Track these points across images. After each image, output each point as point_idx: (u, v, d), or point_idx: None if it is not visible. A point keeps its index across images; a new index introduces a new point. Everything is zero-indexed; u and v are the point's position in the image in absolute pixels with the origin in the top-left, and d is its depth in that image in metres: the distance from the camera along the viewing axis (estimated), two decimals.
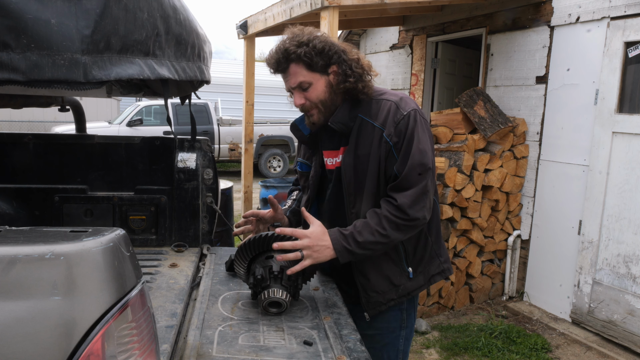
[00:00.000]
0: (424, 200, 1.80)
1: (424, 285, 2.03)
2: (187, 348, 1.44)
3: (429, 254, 2.01)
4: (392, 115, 1.84)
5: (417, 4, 4.94)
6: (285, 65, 1.84)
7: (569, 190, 4.46)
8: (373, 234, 1.77)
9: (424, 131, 1.84)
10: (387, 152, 1.84)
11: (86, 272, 0.80)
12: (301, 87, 1.85)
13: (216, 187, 2.44)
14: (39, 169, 2.41)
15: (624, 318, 3.96)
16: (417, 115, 1.83)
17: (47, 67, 1.18)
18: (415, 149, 1.79)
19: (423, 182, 1.79)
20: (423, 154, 1.80)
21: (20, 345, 0.76)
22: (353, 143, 1.89)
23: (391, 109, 1.86)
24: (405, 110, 1.83)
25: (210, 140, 2.51)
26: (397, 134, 1.81)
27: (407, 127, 1.80)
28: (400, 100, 1.88)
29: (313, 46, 1.81)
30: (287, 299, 1.68)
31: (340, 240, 1.78)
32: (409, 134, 1.80)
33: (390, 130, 1.82)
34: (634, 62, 3.90)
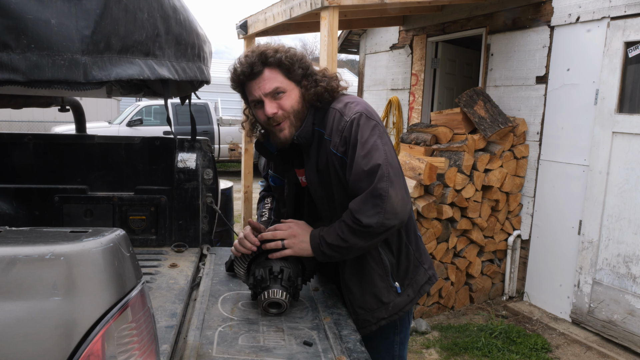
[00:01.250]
0: (377, 204, 1.62)
1: (415, 299, 1.94)
2: (187, 348, 1.44)
3: (413, 264, 1.92)
4: (337, 125, 1.73)
5: (417, 4, 4.94)
6: (260, 68, 1.73)
7: (569, 190, 4.46)
8: (336, 237, 1.70)
9: (370, 131, 1.69)
10: (341, 163, 1.74)
11: (86, 272, 0.80)
12: (275, 94, 1.74)
13: (216, 187, 2.44)
14: (39, 169, 2.41)
15: (624, 318, 3.96)
16: (362, 117, 1.71)
17: (47, 67, 1.18)
18: (358, 153, 1.66)
19: (371, 185, 1.63)
20: (368, 156, 1.65)
21: (21, 345, 0.76)
22: (314, 158, 1.81)
23: (335, 117, 1.75)
24: (348, 117, 1.72)
25: (210, 140, 2.52)
26: (343, 143, 1.71)
27: (351, 133, 1.69)
28: (344, 106, 1.76)
29: (291, 55, 1.75)
30: (287, 299, 1.68)
31: (315, 237, 1.75)
32: (352, 140, 1.69)
33: (335, 140, 1.73)
34: (634, 62, 3.90)
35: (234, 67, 1.80)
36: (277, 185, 2.07)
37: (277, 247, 1.74)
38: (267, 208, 2.19)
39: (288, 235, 1.75)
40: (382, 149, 1.66)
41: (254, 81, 1.75)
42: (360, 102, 1.80)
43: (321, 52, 4.15)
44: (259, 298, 1.70)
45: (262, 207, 2.21)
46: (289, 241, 1.74)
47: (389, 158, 1.66)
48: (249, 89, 1.79)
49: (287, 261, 1.76)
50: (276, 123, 1.77)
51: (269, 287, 1.69)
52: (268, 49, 1.74)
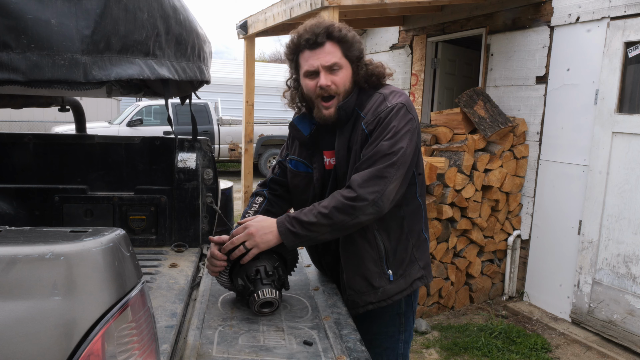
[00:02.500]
0: (379, 184, 1.68)
1: (405, 290, 1.95)
2: (187, 348, 1.44)
3: (409, 257, 1.94)
4: (377, 106, 1.80)
5: (417, 4, 4.94)
6: (324, 40, 1.77)
7: (569, 190, 4.46)
8: (316, 214, 1.69)
9: (405, 123, 1.75)
10: (363, 140, 1.79)
11: (86, 272, 0.80)
12: (332, 68, 1.79)
13: (216, 187, 2.44)
14: (39, 169, 2.41)
15: (624, 318, 3.96)
16: (403, 109, 1.77)
17: (47, 67, 1.18)
18: (386, 135, 1.73)
19: (383, 165, 1.70)
20: (392, 145, 1.71)
21: (21, 345, 0.76)
22: (347, 135, 1.86)
23: (378, 100, 1.82)
24: (391, 103, 1.78)
25: (210, 140, 2.51)
26: (375, 123, 1.76)
27: (387, 117, 1.75)
28: (390, 93, 1.83)
29: (353, 35, 1.81)
30: (274, 295, 1.68)
31: (284, 222, 1.72)
32: (384, 123, 1.74)
33: (369, 118, 1.78)
34: (633, 62, 3.90)
35: (296, 33, 1.83)
36: (300, 171, 2.03)
37: (241, 252, 1.73)
38: (253, 211, 2.10)
39: (246, 236, 1.73)
40: (406, 145, 1.73)
41: (314, 51, 1.79)
42: (405, 94, 1.87)
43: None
44: (249, 301, 1.71)
45: (249, 207, 2.13)
46: (249, 242, 1.73)
47: (406, 155, 1.73)
48: (305, 58, 1.82)
49: (259, 259, 1.76)
50: (326, 95, 1.82)
51: (253, 292, 1.69)
52: (334, 24, 1.80)
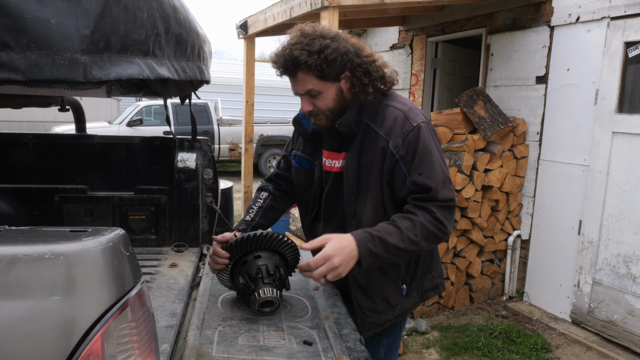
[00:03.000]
0: (452, 213, 1.75)
1: (417, 302, 1.96)
2: (187, 348, 1.44)
3: (421, 269, 1.94)
4: (400, 126, 1.73)
5: (417, 4, 4.94)
6: (293, 72, 1.73)
7: (569, 190, 4.45)
8: (404, 240, 1.67)
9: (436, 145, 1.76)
10: (394, 165, 1.74)
11: (86, 271, 0.80)
12: (309, 94, 1.75)
13: (216, 187, 2.44)
14: (39, 169, 2.41)
15: (624, 318, 3.96)
16: (427, 127, 1.75)
17: (46, 66, 1.18)
18: (436, 164, 1.72)
19: (451, 195, 1.73)
20: (443, 169, 1.74)
21: (20, 344, 0.76)
22: (357, 150, 1.80)
23: (399, 118, 1.75)
24: (415, 122, 1.73)
25: (210, 140, 2.51)
26: (405, 146, 1.71)
27: (417, 140, 1.71)
28: (409, 110, 1.77)
29: (325, 57, 1.67)
30: (275, 294, 1.68)
31: (366, 242, 1.64)
32: (422, 148, 1.71)
33: (397, 141, 1.72)
34: (634, 62, 3.90)
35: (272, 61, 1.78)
36: (303, 168, 2.01)
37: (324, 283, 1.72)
38: (257, 206, 2.08)
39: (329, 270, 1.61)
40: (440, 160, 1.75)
41: (291, 78, 1.78)
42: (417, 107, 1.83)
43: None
44: (250, 300, 1.71)
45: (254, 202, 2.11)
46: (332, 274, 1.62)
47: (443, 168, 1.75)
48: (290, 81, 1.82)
49: (260, 258, 1.76)
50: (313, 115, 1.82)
51: (254, 291, 1.69)
52: (302, 52, 1.68)
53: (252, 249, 1.77)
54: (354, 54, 1.73)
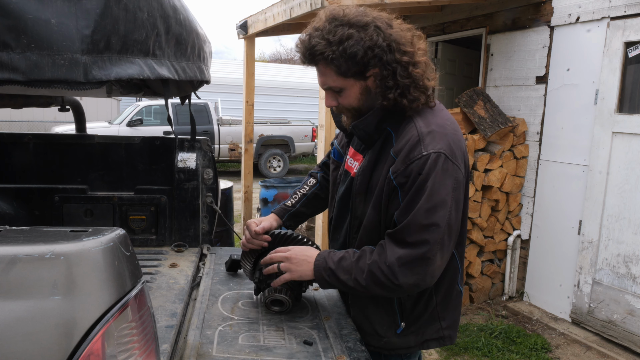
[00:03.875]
0: (420, 266, 1.43)
1: (413, 348, 1.69)
2: (187, 348, 1.44)
3: (429, 315, 1.66)
4: (409, 149, 1.45)
5: (417, 4, 4.94)
6: (312, 63, 1.51)
7: (569, 190, 4.46)
8: (351, 279, 1.51)
9: (443, 181, 1.42)
10: (390, 192, 1.49)
11: (86, 271, 0.80)
12: (332, 90, 1.55)
13: (216, 187, 2.44)
14: (39, 169, 2.41)
15: (624, 318, 3.96)
16: (440, 159, 1.42)
17: (47, 67, 1.18)
18: (422, 204, 1.41)
19: (424, 247, 1.42)
20: (430, 212, 1.40)
21: (21, 344, 0.76)
22: (373, 159, 1.57)
23: (411, 139, 1.46)
24: (426, 150, 1.42)
25: (210, 140, 2.52)
26: (406, 174, 1.44)
27: (421, 172, 1.42)
28: (428, 134, 1.45)
29: (343, 50, 1.42)
30: (290, 298, 1.68)
31: (321, 268, 1.57)
32: (419, 182, 1.42)
33: (398, 166, 1.46)
34: (633, 62, 3.90)
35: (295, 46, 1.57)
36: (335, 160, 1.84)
37: (274, 270, 1.66)
38: (302, 192, 1.96)
39: (284, 258, 1.64)
40: (449, 208, 1.42)
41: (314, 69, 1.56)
42: (448, 132, 1.49)
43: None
44: (263, 293, 1.70)
45: (300, 187, 1.99)
46: (285, 264, 1.63)
47: (451, 220, 1.44)
48: None
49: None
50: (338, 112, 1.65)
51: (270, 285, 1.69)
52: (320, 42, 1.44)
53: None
54: (384, 48, 1.44)
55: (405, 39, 1.48)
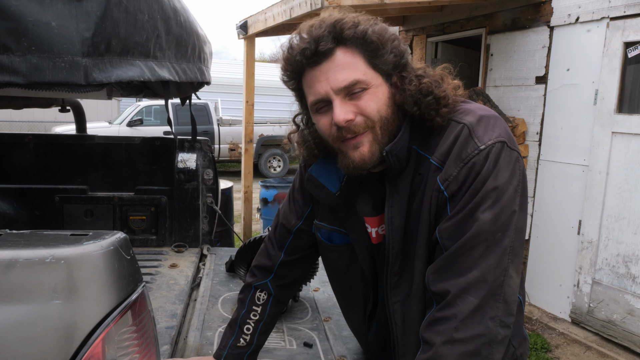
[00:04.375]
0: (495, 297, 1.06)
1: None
2: (187, 349, 1.45)
3: None
4: (460, 148, 1.10)
5: (417, 4, 4.94)
6: (331, 46, 1.10)
7: (569, 190, 4.46)
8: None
9: (510, 175, 1.09)
10: (441, 208, 1.13)
11: (86, 275, 0.80)
12: (351, 91, 1.12)
13: (216, 187, 2.45)
14: (39, 169, 2.41)
15: (624, 318, 3.97)
16: (504, 150, 1.10)
17: (47, 69, 1.18)
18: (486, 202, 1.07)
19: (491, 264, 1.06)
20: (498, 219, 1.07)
21: (21, 348, 0.76)
22: (405, 190, 1.19)
23: (460, 136, 1.12)
24: (483, 142, 1.09)
25: (210, 140, 2.52)
26: (461, 179, 1.09)
27: (481, 171, 1.07)
28: (477, 122, 1.13)
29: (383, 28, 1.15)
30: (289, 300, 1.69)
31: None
32: (479, 179, 1.07)
33: (450, 171, 1.10)
34: (633, 62, 3.90)
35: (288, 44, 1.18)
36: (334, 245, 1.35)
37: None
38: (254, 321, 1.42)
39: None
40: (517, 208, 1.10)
41: (319, 67, 1.13)
42: (498, 116, 1.17)
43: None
44: None
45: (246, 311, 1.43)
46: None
47: (520, 221, 1.11)
48: (308, 81, 1.17)
49: None
50: (351, 135, 1.15)
51: None
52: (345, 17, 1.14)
53: None
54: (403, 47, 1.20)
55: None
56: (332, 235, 1.35)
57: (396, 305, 1.24)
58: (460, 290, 1.05)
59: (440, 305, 1.08)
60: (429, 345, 1.07)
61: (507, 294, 1.07)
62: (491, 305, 1.05)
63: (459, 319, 1.04)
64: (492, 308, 1.05)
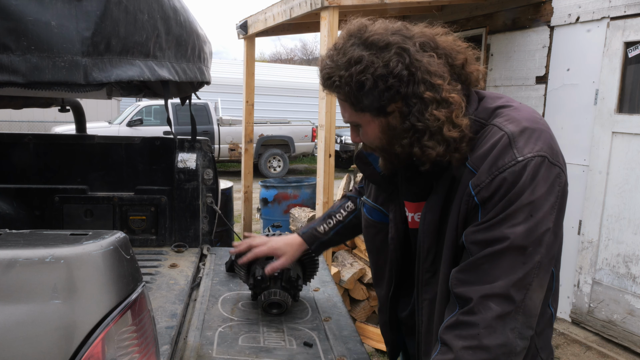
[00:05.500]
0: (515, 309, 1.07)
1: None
2: (187, 349, 1.45)
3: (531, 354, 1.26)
4: (496, 156, 1.09)
5: (417, 4, 4.94)
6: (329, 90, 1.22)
7: (569, 190, 4.45)
8: None
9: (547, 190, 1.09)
10: (469, 213, 1.13)
11: (86, 275, 0.80)
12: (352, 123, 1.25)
13: (216, 187, 2.45)
14: (39, 169, 2.41)
15: (624, 318, 3.97)
16: (544, 164, 1.09)
17: (47, 69, 1.18)
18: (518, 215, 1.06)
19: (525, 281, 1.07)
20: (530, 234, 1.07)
21: (21, 348, 0.76)
22: (442, 192, 1.21)
23: (499, 144, 1.10)
24: (522, 154, 1.07)
25: (210, 140, 2.52)
26: (493, 187, 1.08)
27: (517, 182, 1.06)
28: (520, 133, 1.10)
29: (349, 77, 1.12)
30: (287, 300, 1.69)
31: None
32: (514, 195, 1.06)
33: (483, 178, 1.09)
34: (633, 62, 3.90)
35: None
36: (373, 220, 1.45)
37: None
38: (337, 219, 1.69)
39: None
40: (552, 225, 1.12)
41: None
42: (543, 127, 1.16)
43: (321, 53, 4.14)
44: (259, 298, 1.70)
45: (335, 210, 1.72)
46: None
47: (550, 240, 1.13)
48: None
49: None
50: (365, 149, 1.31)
51: (269, 288, 1.69)
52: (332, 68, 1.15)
53: None
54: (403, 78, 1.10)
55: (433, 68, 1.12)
56: (374, 212, 1.44)
57: (425, 303, 1.29)
58: (483, 297, 1.07)
59: (463, 309, 1.09)
60: (448, 347, 1.09)
61: (528, 307, 1.08)
62: (512, 317, 1.06)
63: (481, 326, 1.06)
64: (513, 319, 1.06)
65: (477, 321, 1.06)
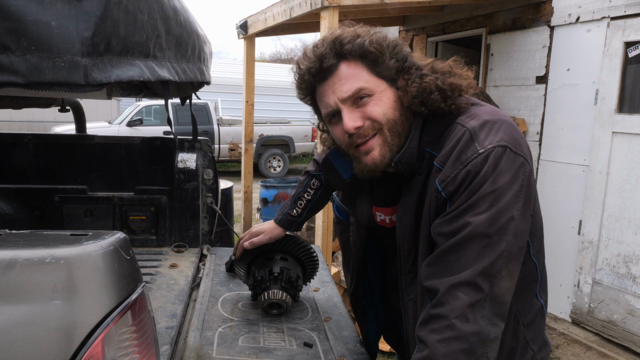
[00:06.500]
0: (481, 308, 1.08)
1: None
2: (187, 349, 1.44)
3: (521, 346, 1.28)
4: (459, 151, 1.13)
5: (417, 4, 4.94)
6: (334, 61, 1.21)
7: (569, 190, 4.46)
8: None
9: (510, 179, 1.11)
10: (439, 209, 1.17)
11: (86, 275, 0.80)
12: (357, 98, 1.22)
13: (216, 187, 2.44)
14: (39, 169, 2.41)
15: (624, 318, 3.96)
16: (505, 154, 1.11)
17: (47, 69, 1.18)
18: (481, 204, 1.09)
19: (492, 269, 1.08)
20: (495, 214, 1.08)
21: (21, 349, 0.76)
22: (416, 192, 1.24)
23: (462, 140, 1.15)
24: (483, 146, 1.11)
25: (210, 140, 2.52)
26: (458, 181, 1.12)
27: (478, 174, 1.10)
28: (481, 126, 1.15)
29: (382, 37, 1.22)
30: (287, 300, 1.69)
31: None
32: (476, 183, 1.09)
33: (448, 173, 1.14)
34: (633, 62, 3.90)
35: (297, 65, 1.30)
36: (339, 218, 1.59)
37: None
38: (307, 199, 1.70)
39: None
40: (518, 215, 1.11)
41: (326, 82, 1.25)
42: (504, 118, 1.19)
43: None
44: (259, 299, 1.70)
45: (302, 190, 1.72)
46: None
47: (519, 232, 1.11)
48: (319, 96, 1.29)
49: (287, 262, 1.76)
50: (362, 140, 1.24)
51: (269, 288, 1.69)
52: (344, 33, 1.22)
53: (285, 249, 1.78)
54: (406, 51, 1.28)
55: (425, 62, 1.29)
56: (341, 211, 1.57)
57: (410, 303, 1.32)
58: (451, 287, 1.08)
59: (432, 302, 1.12)
60: (424, 344, 1.10)
61: (496, 295, 1.09)
62: (481, 304, 1.08)
63: (452, 316, 1.07)
64: (481, 307, 1.08)
65: (446, 312, 1.08)
